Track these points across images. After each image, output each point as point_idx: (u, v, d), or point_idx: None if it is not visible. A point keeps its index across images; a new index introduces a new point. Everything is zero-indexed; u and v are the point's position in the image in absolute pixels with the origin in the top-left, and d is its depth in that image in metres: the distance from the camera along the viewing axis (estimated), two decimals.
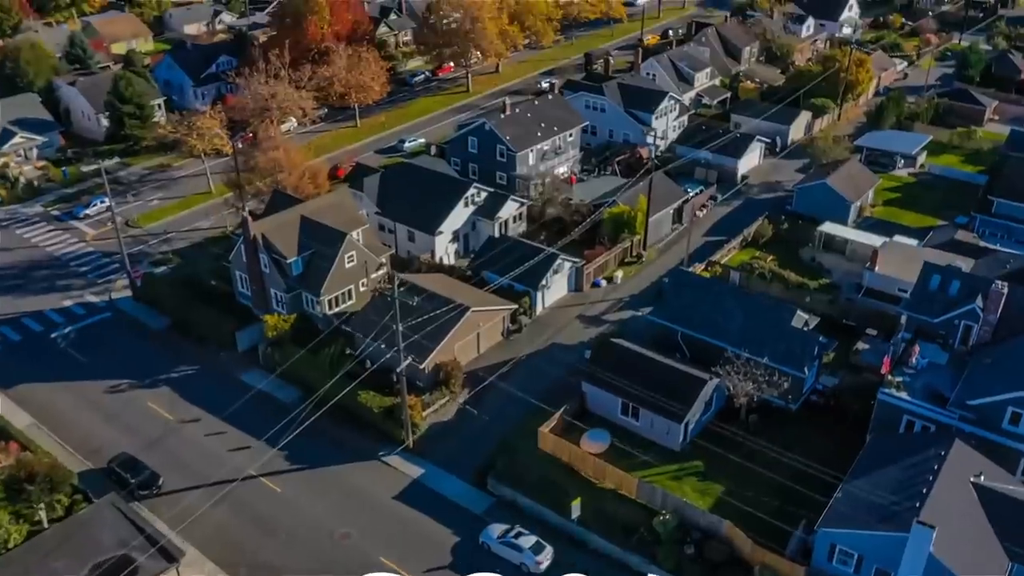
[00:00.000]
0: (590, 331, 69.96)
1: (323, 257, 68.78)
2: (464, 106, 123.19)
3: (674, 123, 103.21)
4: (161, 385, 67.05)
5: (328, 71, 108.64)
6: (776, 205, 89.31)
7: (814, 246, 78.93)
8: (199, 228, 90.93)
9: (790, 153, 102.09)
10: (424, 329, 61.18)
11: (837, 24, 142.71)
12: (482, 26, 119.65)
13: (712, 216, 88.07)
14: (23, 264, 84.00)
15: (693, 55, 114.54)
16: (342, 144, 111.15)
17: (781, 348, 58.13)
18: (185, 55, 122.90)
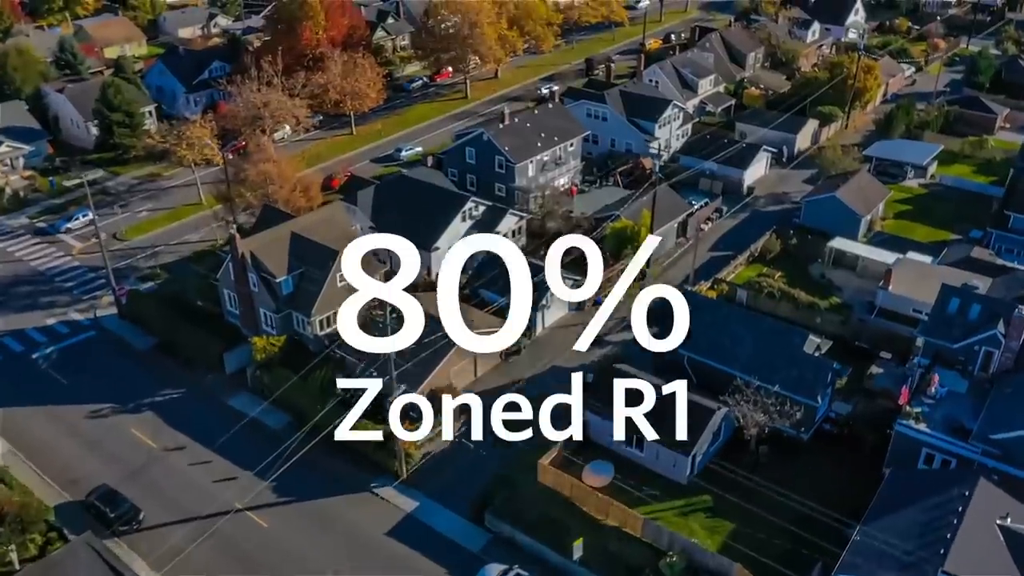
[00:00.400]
0: (592, 353, 67.20)
1: (314, 276, 66.08)
2: (462, 113, 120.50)
3: (678, 132, 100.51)
4: (145, 410, 64.34)
5: (323, 78, 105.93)
6: (783, 218, 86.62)
7: (824, 262, 76.24)
8: (188, 241, 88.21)
9: (797, 163, 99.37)
10: (418, 355, 58.52)
11: (843, 28, 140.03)
12: (480, 31, 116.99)
13: (717, 229, 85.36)
14: (5, 280, 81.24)
15: (697, 61, 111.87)
16: (337, 153, 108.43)
17: (793, 375, 55.44)
18: (177, 61, 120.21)
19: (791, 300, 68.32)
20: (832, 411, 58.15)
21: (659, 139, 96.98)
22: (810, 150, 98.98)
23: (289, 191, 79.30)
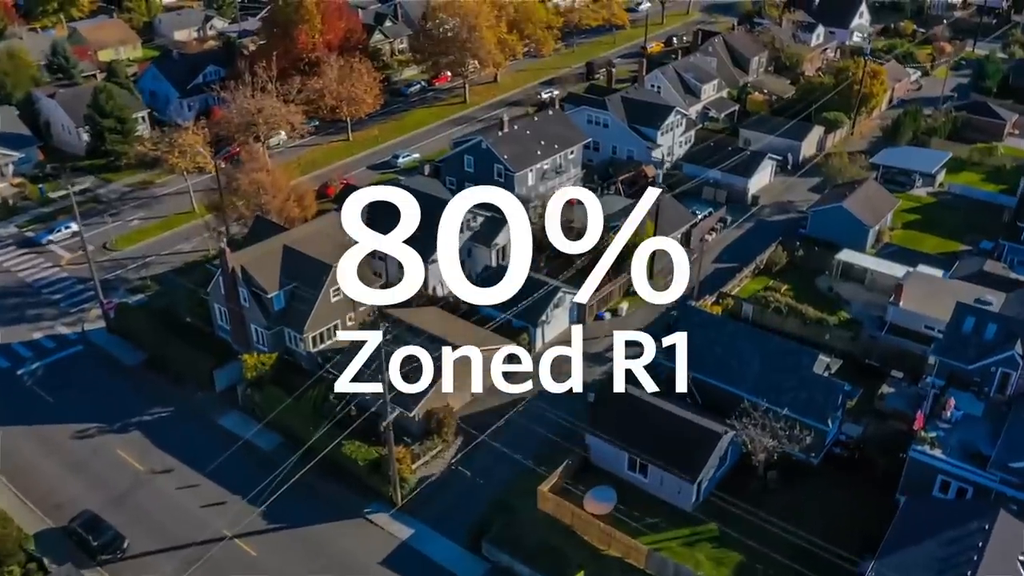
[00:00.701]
0: (594, 370, 65.22)
1: (306, 291, 64.09)
2: (461, 118, 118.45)
3: (680, 139, 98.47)
4: (132, 429, 62.36)
5: (318, 83, 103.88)
6: (789, 228, 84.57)
7: (831, 275, 74.20)
8: (180, 251, 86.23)
9: (804, 171, 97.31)
10: (414, 374, 56.50)
11: (847, 32, 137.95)
12: (479, 35, 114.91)
13: (722, 240, 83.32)
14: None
15: (700, 66, 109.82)
16: (333, 159, 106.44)
17: (802, 397, 53.45)
18: (171, 65, 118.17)
19: (799, 316, 66.28)
20: (842, 433, 56.12)
21: (661, 146, 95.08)
22: (816, 158, 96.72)
23: (282, 201, 77.26)
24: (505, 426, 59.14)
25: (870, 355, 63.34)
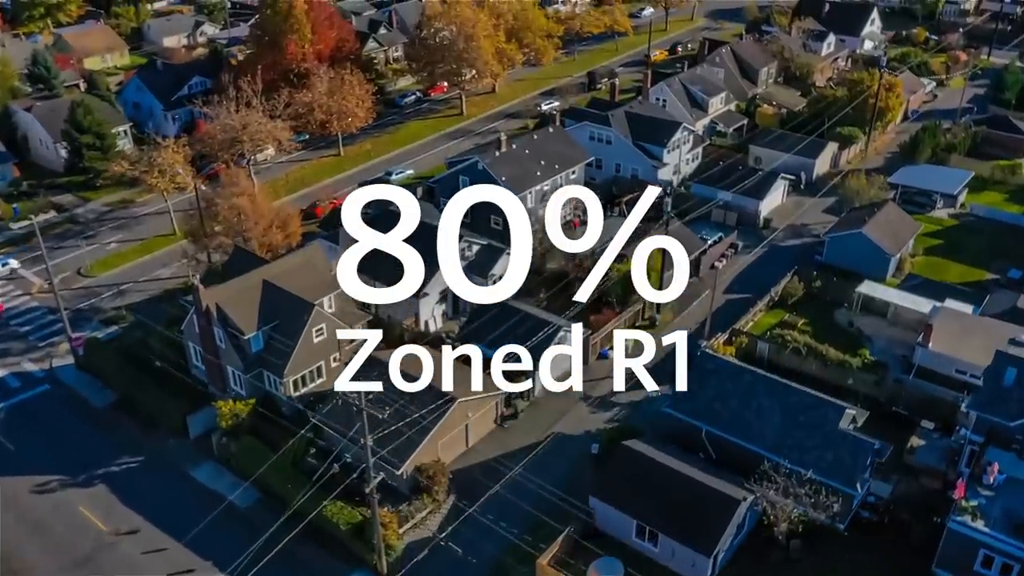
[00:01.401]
0: (598, 416, 60.41)
1: (287, 331, 59.23)
2: (458, 131, 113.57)
3: (687, 155, 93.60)
4: (98, 482, 57.54)
5: (307, 96, 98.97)
6: (804, 254, 79.76)
7: (852, 309, 69.32)
8: (158, 278, 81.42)
9: (816, 188, 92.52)
10: (401, 427, 51.70)
11: (858, 40, 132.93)
12: (476, 44, 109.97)
13: (733, 267, 78.43)
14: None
15: (707, 78, 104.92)
16: (323, 176, 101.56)
17: (828, 458, 48.62)
18: (155, 76, 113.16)
19: (819, 357, 61.39)
20: (871, 494, 51.26)
21: (668, 165, 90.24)
22: (833, 182, 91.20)
23: (265, 227, 72.45)
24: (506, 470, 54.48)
25: (897, 402, 58.49)
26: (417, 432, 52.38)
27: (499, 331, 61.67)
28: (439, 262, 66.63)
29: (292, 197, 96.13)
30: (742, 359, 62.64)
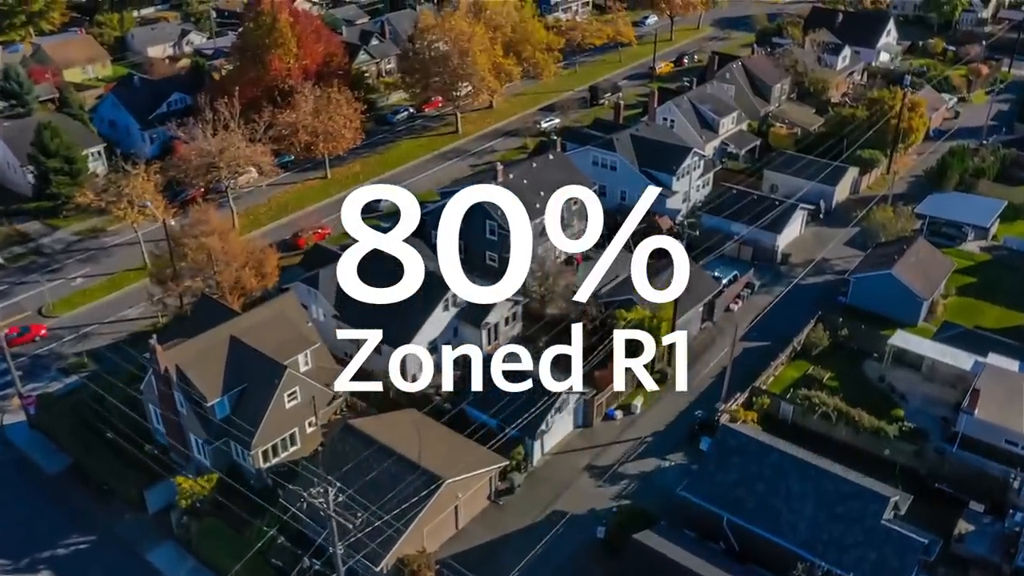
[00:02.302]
0: (603, 491, 54.03)
1: (257, 396, 52.88)
2: (452, 151, 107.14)
3: (698, 182, 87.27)
4: (43, 568, 51.40)
5: (291, 116, 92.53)
6: (826, 294, 73.44)
7: (883, 362, 62.93)
8: (125, 318, 75.07)
9: (836, 217, 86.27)
10: (382, 511, 45.38)
11: (874, 52, 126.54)
12: (472, 59, 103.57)
13: (749, 309, 71.99)
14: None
15: (717, 96, 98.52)
16: (307, 201, 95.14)
17: (871, 557, 42.32)
18: (131, 93, 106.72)
19: (851, 424, 55.02)
20: None
21: (677, 192, 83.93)
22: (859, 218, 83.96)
23: (237, 270, 66.08)
24: (501, 555, 48.14)
25: (940, 476, 52.13)
26: (399, 517, 46.01)
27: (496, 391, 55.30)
28: (425, 324, 60.79)
29: (274, 225, 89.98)
30: (763, 422, 56.57)
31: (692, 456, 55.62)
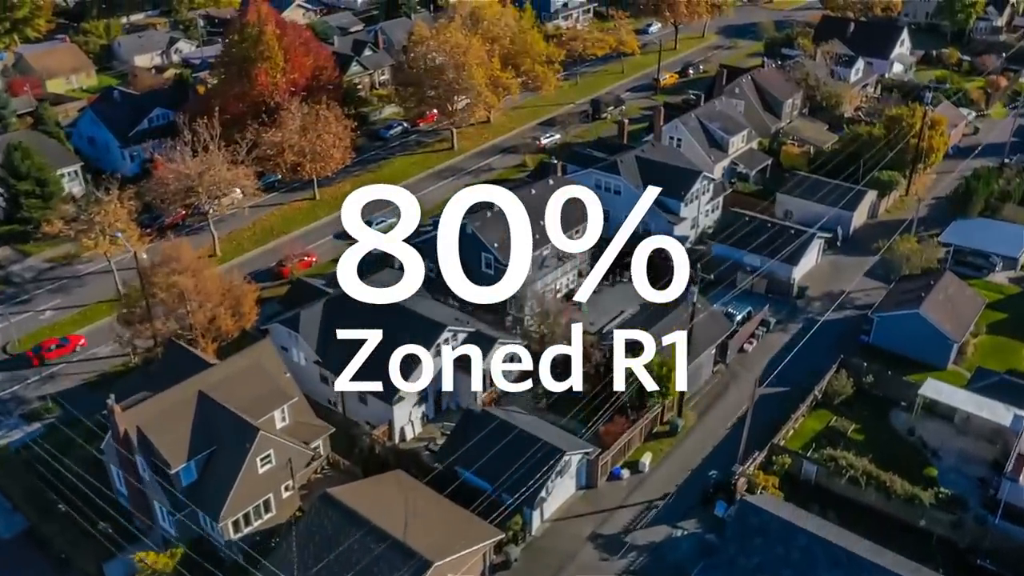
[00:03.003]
0: (609, 565, 48.93)
1: (227, 460, 47.90)
2: (448, 169, 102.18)
3: (707, 206, 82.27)
4: None
5: (277, 135, 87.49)
6: (847, 332, 68.43)
7: (912, 413, 57.92)
8: (96, 356, 70.07)
9: (853, 244, 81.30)
10: None
11: (887, 63, 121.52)
12: (468, 74, 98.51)
13: (765, 349, 67.01)
14: None
15: (726, 113, 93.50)
16: (294, 225, 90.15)
17: None
18: (111, 108, 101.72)
19: (882, 490, 50.00)
20: None
21: (685, 219, 78.95)
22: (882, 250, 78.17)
23: (213, 308, 61.07)
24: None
25: (980, 549, 47.13)
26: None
27: (491, 453, 50.26)
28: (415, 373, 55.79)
29: (258, 251, 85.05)
30: (785, 485, 51.56)
31: (707, 523, 50.66)
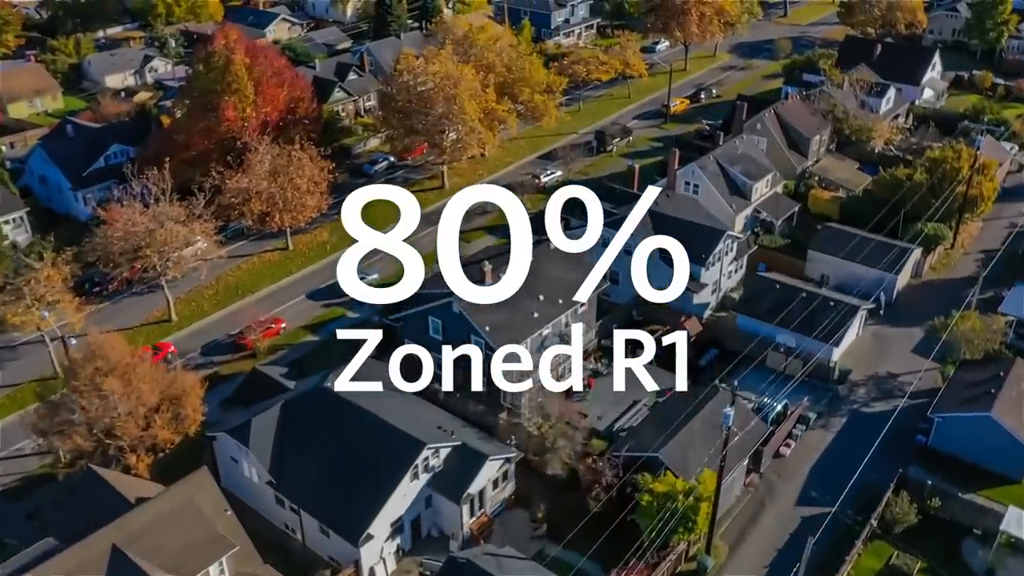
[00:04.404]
0: None
1: None
2: (438, 212, 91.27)
3: (729, 266, 72.28)
4: None
5: (243, 180, 77.38)
6: (899, 429, 57.89)
7: (990, 550, 47.87)
8: (20, 453, 59.93)
9: (897, 311, 71.29)
10: None
11: (917, 89, 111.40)
12: (460, 108, 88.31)
13: (804, 452, 56.91)
14: None
15: (749, 155, 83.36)
16: (264, 280, 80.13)
17: None
18: (63, 144, 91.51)
19: None
20: None
21: (706, 285, 68.93)
22: (943, 332, 66.65)
23: (148, 414, 50.98)
24: None
25: None
26: None
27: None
28: (388, 503, 45.79)
29: (220, 315, 75.11)
30: None
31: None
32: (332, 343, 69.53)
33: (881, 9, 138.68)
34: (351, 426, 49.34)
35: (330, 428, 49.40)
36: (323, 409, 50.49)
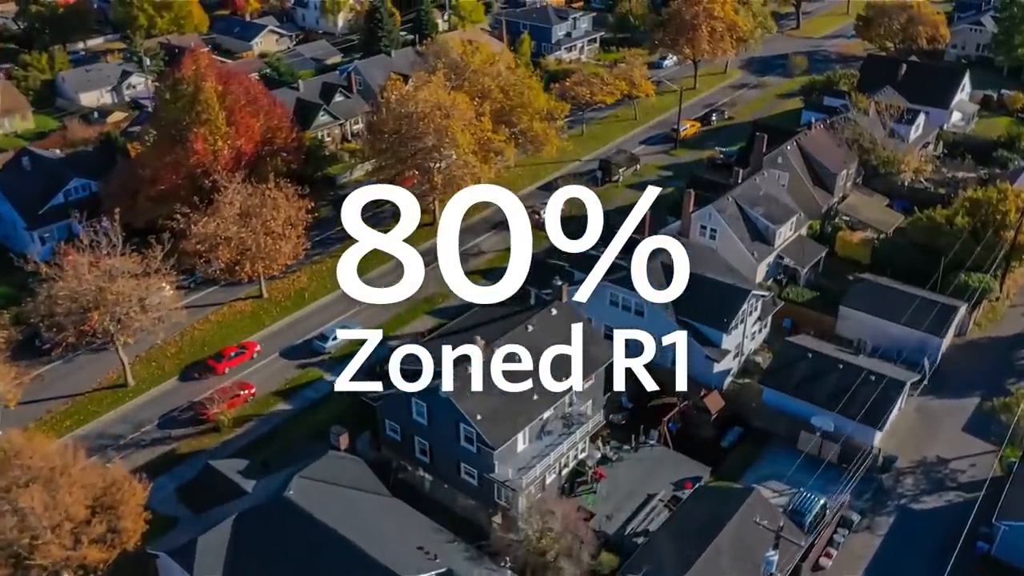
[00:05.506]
0: None
1: None
2: (430, 251, 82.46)
3: (753, 327, 64.35)
4: None
5: (210, 224, 69.43)
6: (954, 525, 50.11)
7: None
8: None
9: (943, 378, 63.32)
10: None
11: (945, 113, 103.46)
12: (451, 140, 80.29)
13: (848, 562, 48.91)
14: None
15: (770, 195, 75.37)
16: (233, 335, 72.24)
17: None
18: (18, 179, 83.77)
19: None
20: None
21: (728, 351, 60.96)
22: (996, 404, 60.56)
23: (75, 529, 43.02)
24: None
25: None
26: None
27: None
28: None
29: (175, 384, 66.90)
30: None
31: None
32: (306, 413, 62.38)
33: (901, 23, 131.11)
34: (315, 548, 41.40)
35: (290, 552, 41.48)
36: (283, 526, 42.59)
